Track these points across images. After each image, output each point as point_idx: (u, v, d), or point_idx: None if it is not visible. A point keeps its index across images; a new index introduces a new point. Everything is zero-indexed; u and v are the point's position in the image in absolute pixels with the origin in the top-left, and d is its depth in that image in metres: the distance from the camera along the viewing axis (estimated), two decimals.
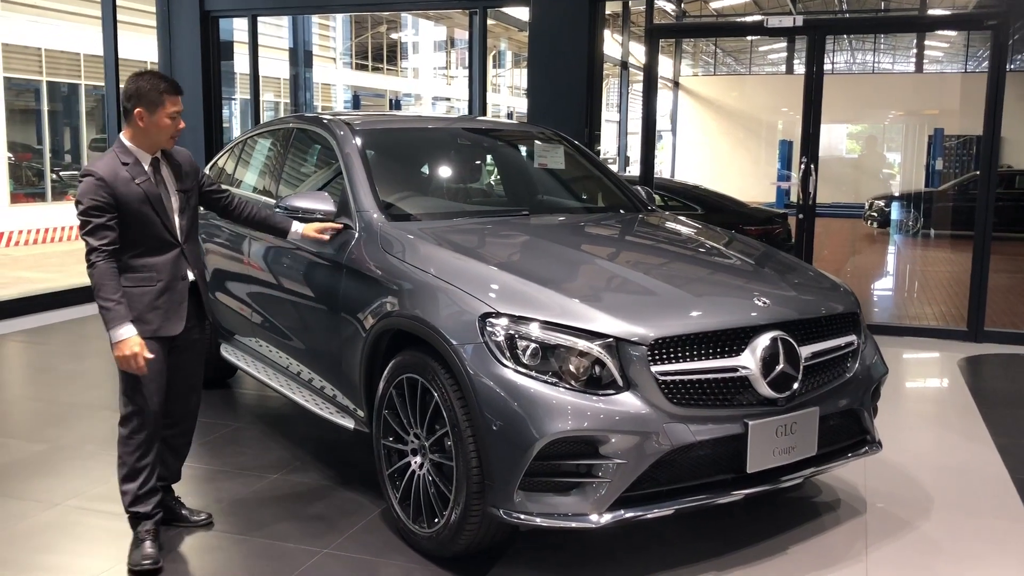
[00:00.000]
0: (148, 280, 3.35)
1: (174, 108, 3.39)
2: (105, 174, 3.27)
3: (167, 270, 3.39)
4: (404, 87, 33.57)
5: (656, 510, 3.11)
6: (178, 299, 3.42)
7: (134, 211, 3.30)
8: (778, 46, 31.30)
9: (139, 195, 3.31)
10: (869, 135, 21.91)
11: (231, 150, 5.72)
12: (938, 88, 23.94)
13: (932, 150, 19.81)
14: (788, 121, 23.26)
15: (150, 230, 3.35)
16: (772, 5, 25.49)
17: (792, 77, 30.24)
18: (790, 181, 19.89)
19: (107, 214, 3.25)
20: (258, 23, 9.42)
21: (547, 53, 7.95)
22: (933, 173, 19.43)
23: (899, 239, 16.66)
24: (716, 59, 33.35)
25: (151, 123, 3.35)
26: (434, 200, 4.55)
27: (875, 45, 31.22)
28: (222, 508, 3.87)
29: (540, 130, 5.26)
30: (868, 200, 17.85)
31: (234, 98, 10.06)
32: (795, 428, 3.27)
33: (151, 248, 3.37)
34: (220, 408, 5.33)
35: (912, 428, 5.07)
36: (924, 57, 28.34)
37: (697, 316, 3.22)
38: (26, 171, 19.42)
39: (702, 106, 25.00)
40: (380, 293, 3.67)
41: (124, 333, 3.23)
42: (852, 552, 3.53)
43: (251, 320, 4.86)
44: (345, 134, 4.45)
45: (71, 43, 18.79)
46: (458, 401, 3.17)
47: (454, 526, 3.22)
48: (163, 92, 3.36)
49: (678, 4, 23.92)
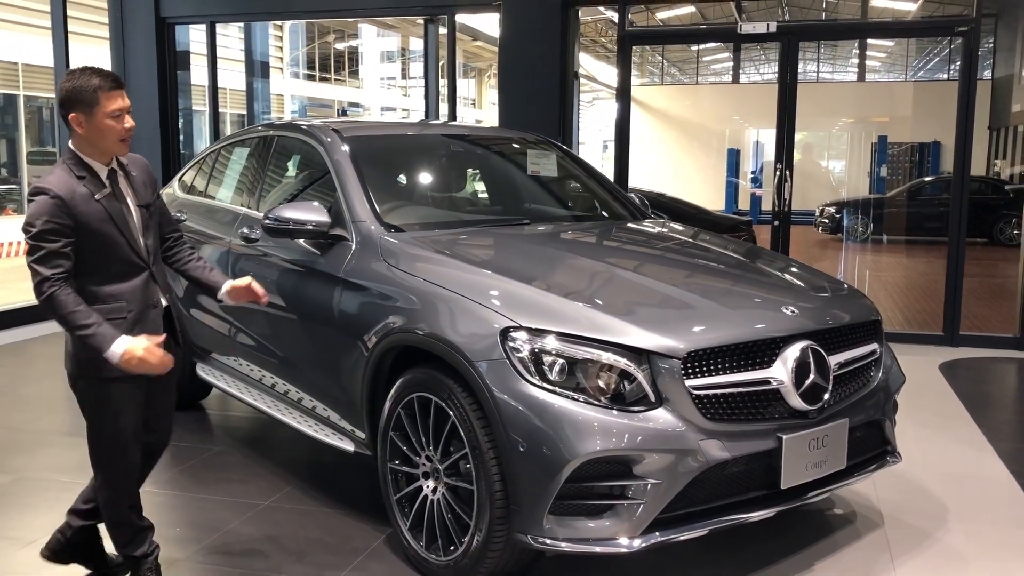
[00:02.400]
0: (117, 311, 2.89)
1: (114, 105, 2.86)
2: (62, 191, 2.79)
3: (137, 298, 2.93)
4: (352, 97, 33.21)
5: (689, 531, 2.97)
6: (152, 329, 2.94)
7: (94, 232, 2.83)
8: (722, 56, 31.72)
9: (100, 213, 2.85)
10: (813, 143, 22.24)
11: (201, 162, 5.46)
12: (881, 97, 24.47)
13: (876, 157, 20.19)
14: (736, 130, 23.53)
15: (115, 253, 2.89)
16: (716, 15, 25.80)
17: (740, 86, 30.67)
18: (752, 187, 20.09)
19: (63, 238, 2.77)
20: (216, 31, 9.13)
21: (519, 61, 7.82)
22: (878, 180, 19.80)
23: (851, 245, 16.89)
24: (663, 69, 33.66)
25: (92, 128, 2.86)
26: (429, 209, 4.37)
27: (817, 54, 31.80)
28: (217, 539, 3.64)
29: (531, 136, 5.11)
30: (819, 207, 18.10)
31: (191, 110, 9.73)
32: (826, 441, 3.17)
33: (117, 274, 2.91)
34: (197, 431, 5.07)
35: (910, 435, 5.01)
36: (866, 67, 28.97)
37: (728, 327, 3.09)
38: None
39: (651, 115, 25.16)
40: (384, 308, 3.47)
41: (120, 347, 2.75)
42: (879, 566, 3.43)
43: (232, 338, 4.62)
44: (333, 141, 4.25)
45: (9, 53, 18.14)
46: (479, 421, 3.00)
47: (475, 553, 3.04)
48: (97, 90, 2.84)
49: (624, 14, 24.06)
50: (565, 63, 7.78)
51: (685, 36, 20.81)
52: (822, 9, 27.34)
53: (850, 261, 15.41)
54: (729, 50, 28.59)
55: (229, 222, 4.66)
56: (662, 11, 27.35)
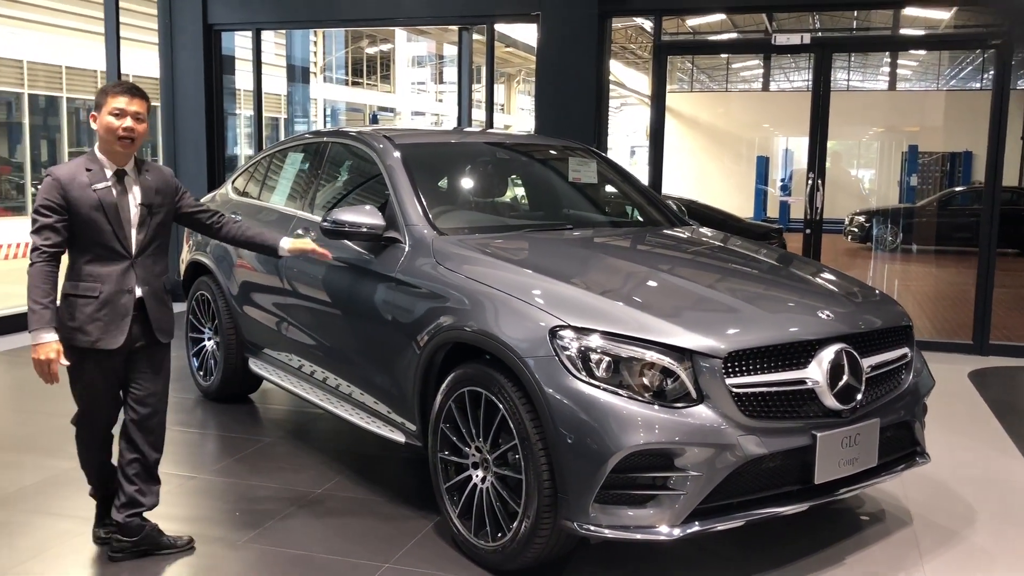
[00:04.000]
0: (91, 290, 3.31)
1: (115, 104, 3.32)
2: (62, 176, 3.29)
3: (112, 281, 3.33)
4: (384, 101, 33.54)
5: (727, 522, 3.13)
6: (121, 312, 3.33)
7: (83, 216, 3.28)
8: (752, 63, 31.69)
9: (92, 201, 3.29)
10: (844, 152, 22.23)
11: (253, 167, 5.69)
12: (913, 105, 24.36)
13: (907, 167, 20.15)
14: (765, 137, 23.54)
15: (99, 238, 3.31)
16: (746, 22, 25.84)
17: (770, 94, 30.65)
18: (781, 195, 20.12)
19: (55, 215, 3.26)
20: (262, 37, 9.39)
21: (556, 69, 8.00)
22: (908, 189, 19.77)
23: (880, 254, 16.90)
24: (692, 76, 33.71)
25: (100, 124, 3.35)
26: (476, 213, 4.56)
27: (848, 63, 31.73)
28: (275, 523, 3.84)
29: (573, 144, 5.30)
30: (848, 215, 18.12)
31: (235, 113, 10.00)
32: (858, 439, 3.32)
33: (99, 257, 3.33)
34: (247, 423, 5.29)
35: (940, 440, 5.12)
36: (897, 75, 28.84)
37: (766, 330, 3.25)
38: (5, 184, 19.16)
39: (680, 122, 25.25)
40: (435, 307, 3.66)
41: (43, 337, 3.21)
42: (908, 563, 3.57)
43: (284, 334, 4.83)
44: (385, 148, 4.45)
45: (53, 55, 18.59)
46: (528, 414, 3.17)
47: (522, 539, 3.22)
48: (106, 92, 3.37)
49: (657, 23, 24.18)
50: (601, 71, 7.96)
51: (720, 47, 20.92)
52: (853, 18, 27.32)
53: (879, 270, 15.43)
54: (759, 58, 28.58)
55: (283, 224, 4.87)
56: (692, 18, 27.47)
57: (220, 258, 5.40)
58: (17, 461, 4.64)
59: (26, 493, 4.18)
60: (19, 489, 4.22)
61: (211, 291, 5.47)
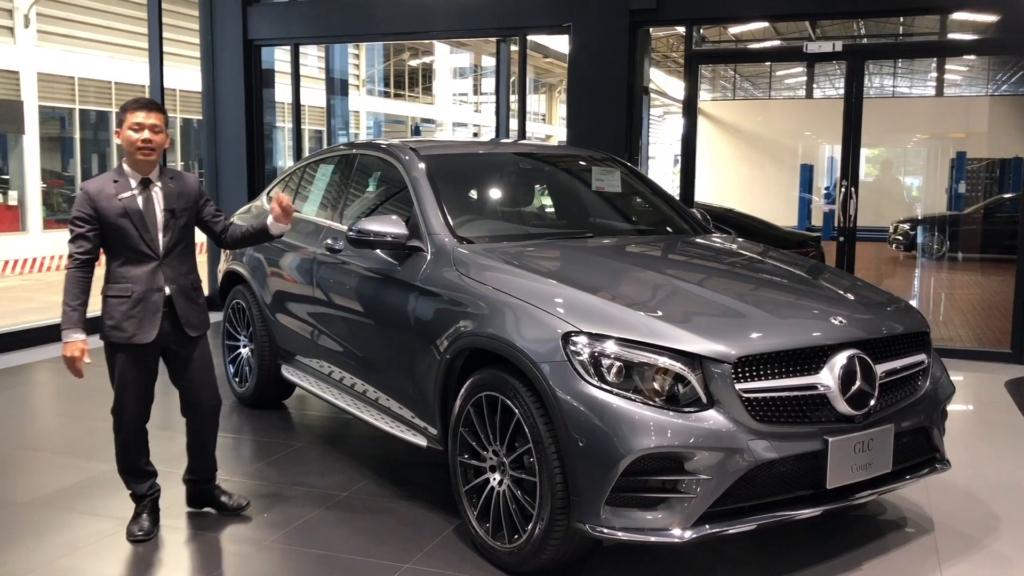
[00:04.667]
0: (124, 291, 3.64)
1: (134, 119, 3.64)
2: (91, 189, 3.63)
3: (142, 281, 3.66)
4: (425, 113, 33.88)
5: (738, 525, 3.17)
6: (152, 309, 3.67)
7: (112, 223, 3.61)
8: (796, 71, 31.38)
9: (118, 209, 3.61)
10: (889, 159, 21.93)
11: (288, 178, 5.84)
12: (960, 111, 23.95)
13: (954, 173, 19.83)
14: (808, 145, 23.30)
15: (128, 242, 3.64)
16: (791, 30, 25.65)
17: (813, 102, 30.32)
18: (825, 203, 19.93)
19: (87, 225, 3.60)
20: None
21: (587, 80, 8.07)
22: (956, 197, 19.45)
23: (925, 262, 16.64)
24: (735, 84, 33.51)
25: (122, 138, 3.68)
26: (498, 222, 4.65)
27: (894, 69, 31.30)
28: (298, 525, 3.95)
29: (596, 154, 5.36)
30: (893, 224, 17.87)
31: (274, 126, 10.23)
32: (872, 445, 3.33)
33: (130, 259, 3.66)
34: (279, 428, 5.42)
35: (968, 448, 5.09)
36: (944, 81, 28.39)
37: (777, 335, 3.28)
38: (57, 197, 19.71)
39: (721, 130, 25.13)
40: (455, 313, 3.75)
41: (72, 336, 3.56)
42: (925, 568, 3.57)
43: (314, 341, 4.96)
44: (411, 159, 4.56)
45: (103, 72, 19.12)
46: (541, 418, 3.24)
47: (537, 541, 3.28)
48: (126, 108, 3.69)
49: (697, 30, 24.14)
50: (632, 81, 8.01)
51: (751, 55, 20.78)
52: (899, 23, 26.98)
53: (924, 278, 15.23)
54: (803, 65, 28.34)
55: (314, 234, 5.01)
56: (735, 26, 27.36)
57: (254, 267, 5.55)
58: (59, 463, 4.82)
59: (65, 493, 4.35)
60: (59, 489, 4.39)
61: (246, 299, 5.63)
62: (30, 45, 17.73)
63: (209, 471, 4.07)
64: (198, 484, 4.08)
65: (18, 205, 18.18)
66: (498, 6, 8.58)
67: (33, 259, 17.59)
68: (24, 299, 13.77)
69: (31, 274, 17.21)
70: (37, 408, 6.29)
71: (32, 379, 6.78)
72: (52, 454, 5.02)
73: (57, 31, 18.19)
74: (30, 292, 14.69)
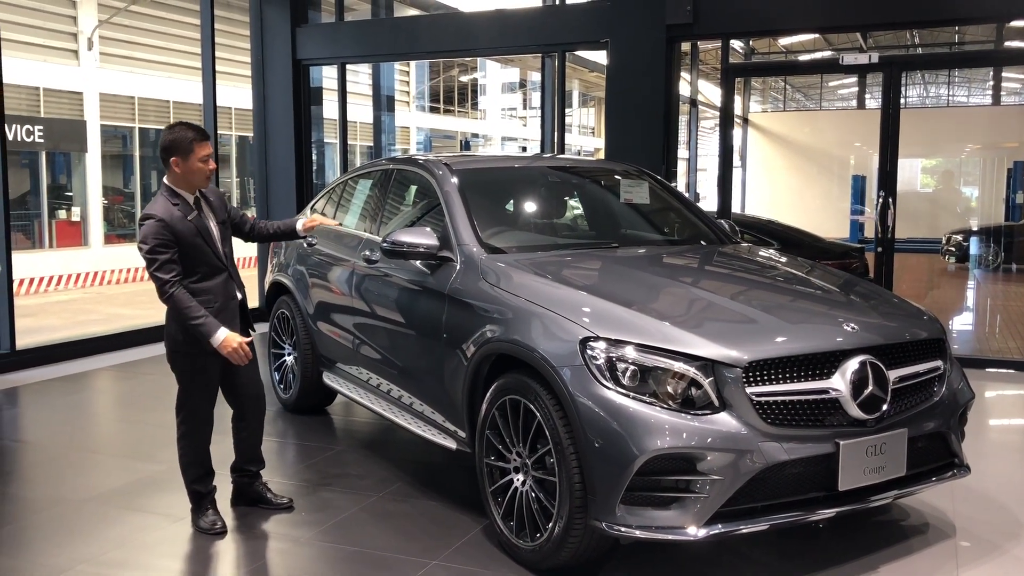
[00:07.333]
0: (207, 303, 3.87)
1: (203, 152, 3.88)
2: (163, 215, 3.80)
3: (220, 292, 3.96)
4: (474, 128, 34.25)
5: (751, 525, 3.27)
6: (231, 316, 3.98)
7: (189, 243, 3.84)
8: (848, 81, 31.09)
9: (191, 229, 3.85)
10: (945, 169, 21.60)
11: (329, 192, 6.07)
12: (1018, 120, 23.49)
13: (1012, 183, 19.45)
14: (860, 156, 23.03)
15: (203, 258, 3.90)
16: (842, 41, 25.44)
17: (863, 112, 29.95)
18: (863, 215, 19.70)
19: (171, 250, 3.79)
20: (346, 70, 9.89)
21: (625, 94, 8.20)
22: (1013, 207, 19.08)
23: (979, 274, 16.37)
24: (785, 95, 33.28)
25: (186, 168, 3.86)
26: (527, 234, 4.81)
27: (949, 78, 30.82)
28: (334, 523, 4.14)
29: (625, 167, 5.50)
30: (945, 235, 17.61)
31: (323, 142, 10.54)
32: (884, 448, 3.40)
33: (205, 274, 3.92)
34: (321, 433, 5.63)
35: (998, 456, 5.10)
36: (1001, 89, 27.87)
37: (788, 340, 3.39)
38: (117, 213, 20.37)
39: (771, 142, 24.98)
40: (482, 320, 3.92)
41: (222, 335, 3.80)
42: (942, 573, 3.62)
43: (354, 349, 5.16)
44: (444, 173, 4.75)
45: (161, 92, 19.76)
46: (560, 420, 3.39)
47: (557, 539, 3.42)
48: (192, 140, 3.87)
49: (747, 42, 24.10)
50: (669, 94, 8.11)
51: (786, 68, 20.69)
52: (955, 31, 26.58)
53: (978, 290, 14.99)
54: (854, 75, 28.06)
55: (354, 246, 5.22)
56: (785, 38, 27.19)
57: (298, 279, 5.79)
58: (116, 464, 5.09)
59: (120, 491, 4.60)
60: (110, 488, 4.65)
61: (290, 309, 5.86)
62: (93, 67, 18.40)
63: (257, 464, 4.34)
64: (244, 478, 4.31)
65: (81, 221, 18.84)
66: (538, 24, 8.77)
67: (95, 273, 18.22)
68: (86, 311, 14.29)
69: (92, 287, 17.83)
70: (95, 413, 6.61)
71: (91, 386, 7.11)
72: (106, 456, 5.30)
73: (118, 53, 18.86)
74: (92, 304, 15.24)
